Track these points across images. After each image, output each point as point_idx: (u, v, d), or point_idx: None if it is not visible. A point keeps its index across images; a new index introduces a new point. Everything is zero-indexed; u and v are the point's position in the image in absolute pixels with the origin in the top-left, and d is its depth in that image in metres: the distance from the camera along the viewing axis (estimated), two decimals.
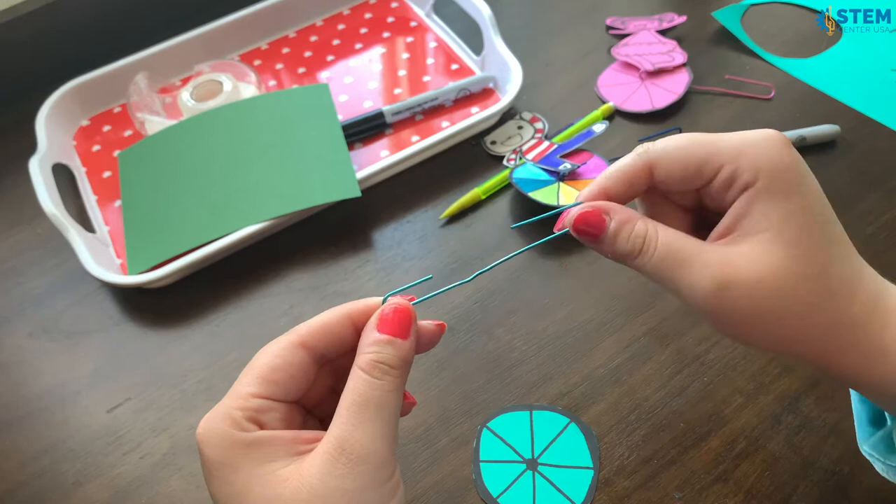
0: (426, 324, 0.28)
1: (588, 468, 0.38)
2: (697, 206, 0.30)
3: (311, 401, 0.28)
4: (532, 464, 0.38)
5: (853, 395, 0.33)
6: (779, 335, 0.27)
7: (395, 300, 0.27)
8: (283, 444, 0.24)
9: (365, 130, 0.55)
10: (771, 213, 0.27)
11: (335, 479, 0.23)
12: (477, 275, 0.29)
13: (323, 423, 0.28)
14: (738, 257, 0.26)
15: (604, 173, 0.29)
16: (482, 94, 0.58)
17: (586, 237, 0.28)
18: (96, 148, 0.57)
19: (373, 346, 0.25)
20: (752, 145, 0.27)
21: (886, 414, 0.31)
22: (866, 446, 0.32)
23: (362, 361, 0.25)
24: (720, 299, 0.26)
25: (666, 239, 0.27)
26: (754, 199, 0.27)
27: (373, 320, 0.26)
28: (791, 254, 0.26)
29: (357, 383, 0.25)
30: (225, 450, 0.24)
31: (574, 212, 0.28)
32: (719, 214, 0.28)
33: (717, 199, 0.28)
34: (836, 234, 0.28)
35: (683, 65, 0.58)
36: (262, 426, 0.25)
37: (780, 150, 0.27)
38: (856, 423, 0.33)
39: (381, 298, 0.27)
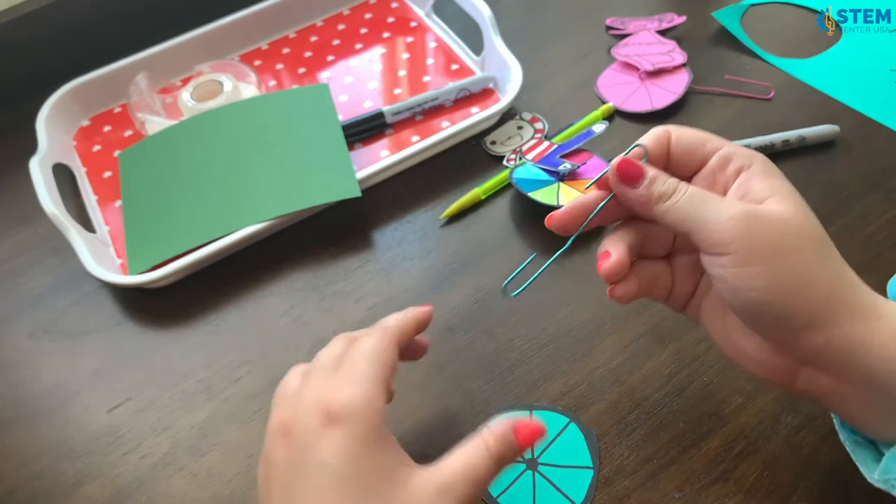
0: (419, 338, 0.34)
1: (588, 468, 0.38)
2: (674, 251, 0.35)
3: None
4: (532, 463, 0.38)
5: (845, 439, 0.33)
6: (797, 273, 0.28)
7: (538, 423, 0.30)
8: (399, 450, 0.29)
9: (365, 130, 0.55)
10: (772, 185, 0.30)
11: None
12: (571, 241, 0.34)
13: None
14: (760, 203, 0.29)
15: (641, 139, 0.33)
16: (482, 94, 0.58)
17: (628, 179, 0.31)
18: (97, 148, 0.57)
19: (503, 438, 0.29)
20: (738, 145, 0.32)
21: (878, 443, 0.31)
22: (876, 475, 0.31)
23: (489, 439, 0.29)
24: (748, 226, 0.28)
25: (694, 188, 0.30)
26: (753, 177, 0.30)
27: (517, 420, 0.30)
28: (802, 208, 0.30)
29: (475, 450, 0.29)
30: (368, 434, 0.27)
31: (617, 159, 0.31)
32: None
33: (709, 182, 0.32)
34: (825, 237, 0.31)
35: (683, 65, 0.58)
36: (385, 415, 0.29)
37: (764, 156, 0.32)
38: (858, 466, 0.32)
39: (430, 308, 0.36)
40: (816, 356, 0.29)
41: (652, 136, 0.32)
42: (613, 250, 0.32)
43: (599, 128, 0.53)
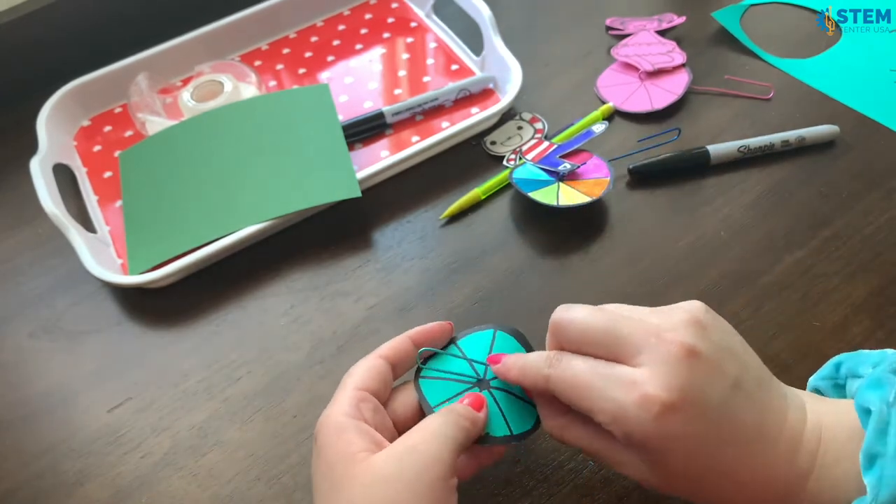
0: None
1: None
2: None
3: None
4: (483, 383, 0.37)
5: None
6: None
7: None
8: (363, 436, 0.31)
9: (365, 131, 0.55)
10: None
11: (393, 470, 0.29)
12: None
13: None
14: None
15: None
16: (482, 94, 0.58)
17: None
18: (97, 148, 0.57)
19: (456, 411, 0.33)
20: (620, 418, 0.29)
21: None
22: None
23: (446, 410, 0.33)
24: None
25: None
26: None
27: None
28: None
29: (434, 421, 0.32)
30: (331, 434, 0.31)
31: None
32: None
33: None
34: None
35: (683, 65, 0.58)
36: (359, 413, 0.32)
37: (684, 351, 0.29)
38: None
39: (438, 324, 0.37)
40: None
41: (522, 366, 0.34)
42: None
43: (599, 128, 0.53)
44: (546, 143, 0.53)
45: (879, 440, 0.27)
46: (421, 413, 0.35)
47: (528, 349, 0.38)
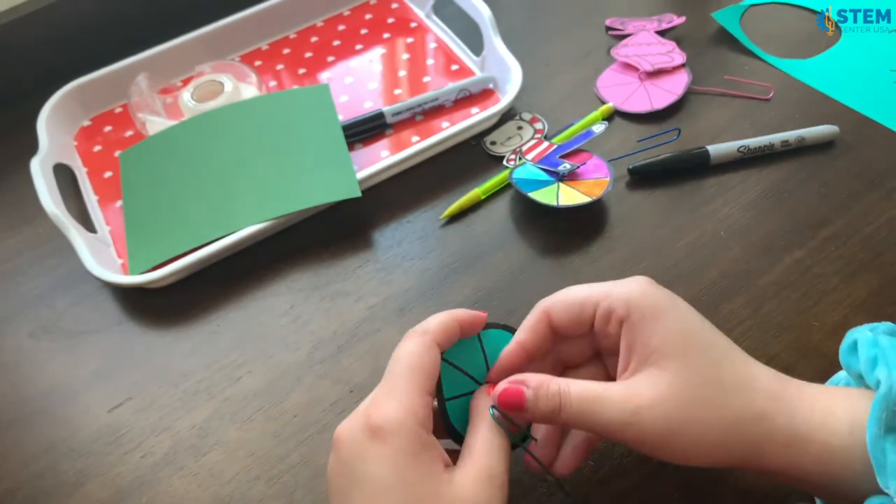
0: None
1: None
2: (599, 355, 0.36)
3: None
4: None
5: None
6: (697, 444, 0.29)
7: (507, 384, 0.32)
8: (440, 453, 0.30)
9: (365, 131, 0.56)
10: (651, 338, 0.31)
11: (485, 498, 0.28)
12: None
13: None
14: (639, 385, 0.30)
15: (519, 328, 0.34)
16: (482, 94, 0.58)
17: (513, 409, 0.31)
18: (97, 148, 0.57)
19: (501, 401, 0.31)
20: (619, 286, 0.33)
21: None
22: None
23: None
24: (635, 426, 0.29)
25: (577, 390, 0.31)
26: (632, 330, 0.31)
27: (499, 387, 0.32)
28: (679, 367, 0.30)
29: (489, 431, 0.31)
30: (412, 444, 0.29)
31: (496, 392, 0.32)
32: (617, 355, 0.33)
33: (605, 340, 0.33)
34: (717, 342, 0.31)
35: (683, 65, 0.58)
36: (430, 425, 0.30)
37: (643, 285, 0.32)
38: None
39: (480, 314, 0.35)
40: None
41: (528, 329, 0.34)
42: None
43: (599, 128, 0.53)
44: (546, 143, 0.53)
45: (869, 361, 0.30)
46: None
47: None
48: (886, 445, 0.27)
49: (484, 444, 0.31)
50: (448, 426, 0.34)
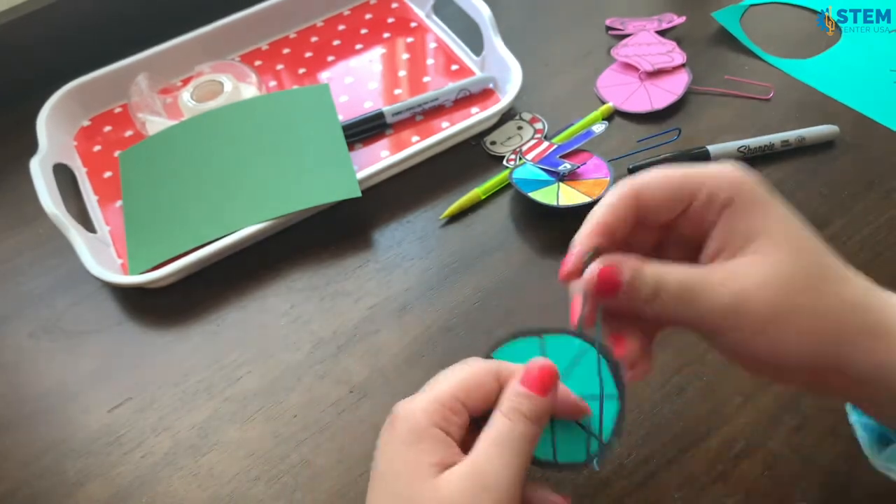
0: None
1: (612, 397, 0.32)
2: (660, 245, 0.32)
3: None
4: None
5: (855, 421, 0.33)
6: (795, 332, 0.28)
7: (541, 361, 0.29)
8: (445, 448, 0.28)
9: (365, 131, 0.55)
10: (755, 223, 0.29)
11: (466, 498, 0.26)
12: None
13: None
14: (743, 268, 0.28)
15: (595, 209, 0.31)
16: (482, 94, 0.58)
17: (607, 293, 0.29)
18: (97, 148, 0.57)
19: (515, 396, 0.29)
20: (721, 169, 0.30)
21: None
22: (880, 460, 0.31)
23: (504, 407, 0.28)
24: (739, 312, 0.27)
25: (675, 275, 0.28)
26: (736, 215, 0.29)
27: (518, 374, 0.29)
28: (785, 252, 0.28)
29: (496, 423, 0.28)
30: (411, 433, 0.28)
31: (590, 275, 0.29)
32: (689, 243, 0.30)
33: (696, 222, 0.30)
34: (816, 235, 0.30)
35: (683, 65, 0.58)
36: (446, 425, 0.28)
37: (745, 173, 0.30)
38: (862, 446, 0.33)
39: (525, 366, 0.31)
40: (836, 381, 0.29)
41: (613, 210, 0.30)
42: (629, 341, 0.30)
43: (599, 128, 0.53)
44: (546, 143, 0.53)
45: None
46: None
47: (619, 384, 0.32)
48: None
49: (483, 438, 0.28)
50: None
